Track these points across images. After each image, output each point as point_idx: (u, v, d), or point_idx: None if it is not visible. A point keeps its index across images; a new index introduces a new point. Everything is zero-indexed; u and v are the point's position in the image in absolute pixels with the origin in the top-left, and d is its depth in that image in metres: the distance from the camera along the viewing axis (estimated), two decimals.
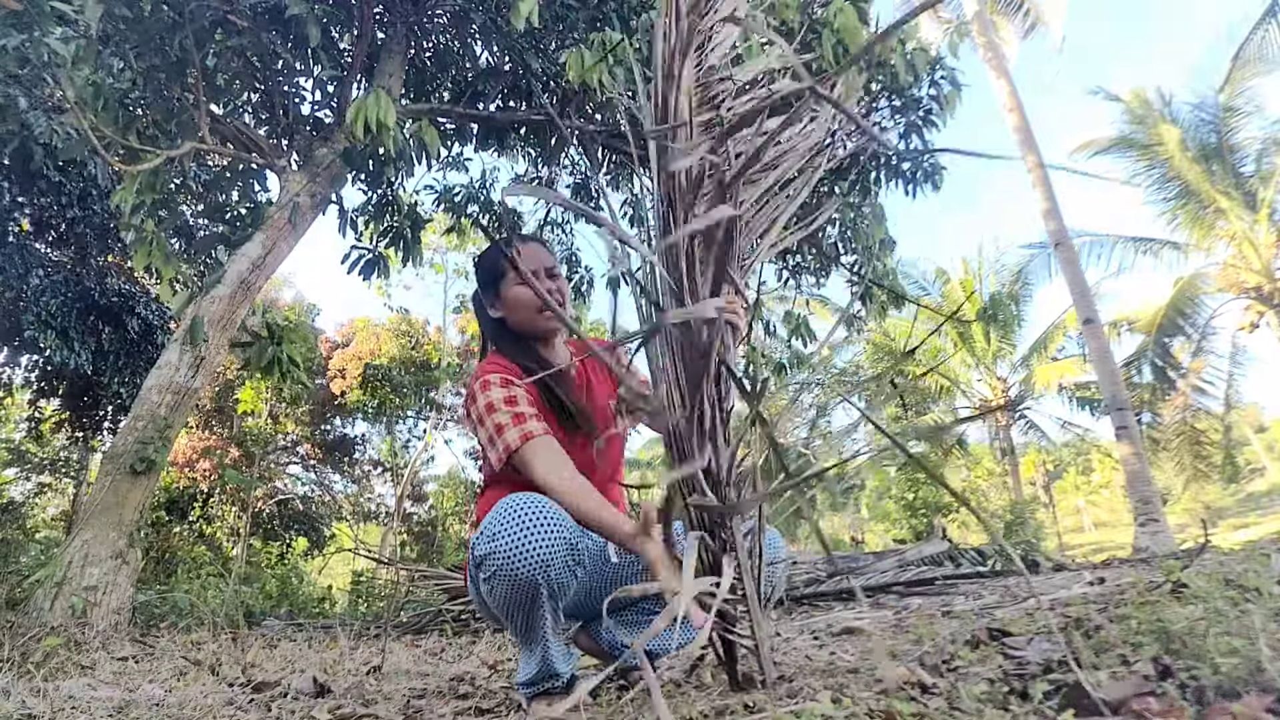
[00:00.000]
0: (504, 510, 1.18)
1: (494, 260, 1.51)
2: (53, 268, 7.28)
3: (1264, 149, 11.79)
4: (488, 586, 1.19)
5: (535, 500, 1.18)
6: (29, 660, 2.32)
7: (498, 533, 1.16)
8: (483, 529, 1.19)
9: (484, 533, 1.18)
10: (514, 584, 1.16)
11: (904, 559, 4.29)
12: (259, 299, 6.34)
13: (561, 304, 1.46)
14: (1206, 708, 0.73)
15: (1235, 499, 23.57)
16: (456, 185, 6.99)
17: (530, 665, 1.27)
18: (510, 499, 1.19)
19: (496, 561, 1.15)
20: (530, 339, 1.51)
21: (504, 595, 1.18)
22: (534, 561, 1.14)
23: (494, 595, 1.19)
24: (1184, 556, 2.76)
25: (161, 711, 1.48)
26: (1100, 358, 9.32)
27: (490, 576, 1.17)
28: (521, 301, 1.46)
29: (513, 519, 1.16)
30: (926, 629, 1.52)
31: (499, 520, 1.17)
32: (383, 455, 15.97)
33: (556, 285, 1.49)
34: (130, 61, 4.32)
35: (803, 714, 0.87)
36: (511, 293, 1.47)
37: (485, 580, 1.19)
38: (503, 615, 1.23)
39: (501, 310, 1.51)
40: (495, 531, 1.16)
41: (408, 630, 3.90)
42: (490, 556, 1.16)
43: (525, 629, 1.23)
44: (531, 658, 1.26)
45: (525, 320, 1.48)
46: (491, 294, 1.52)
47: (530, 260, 1.48)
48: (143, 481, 3.83)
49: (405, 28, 5.33)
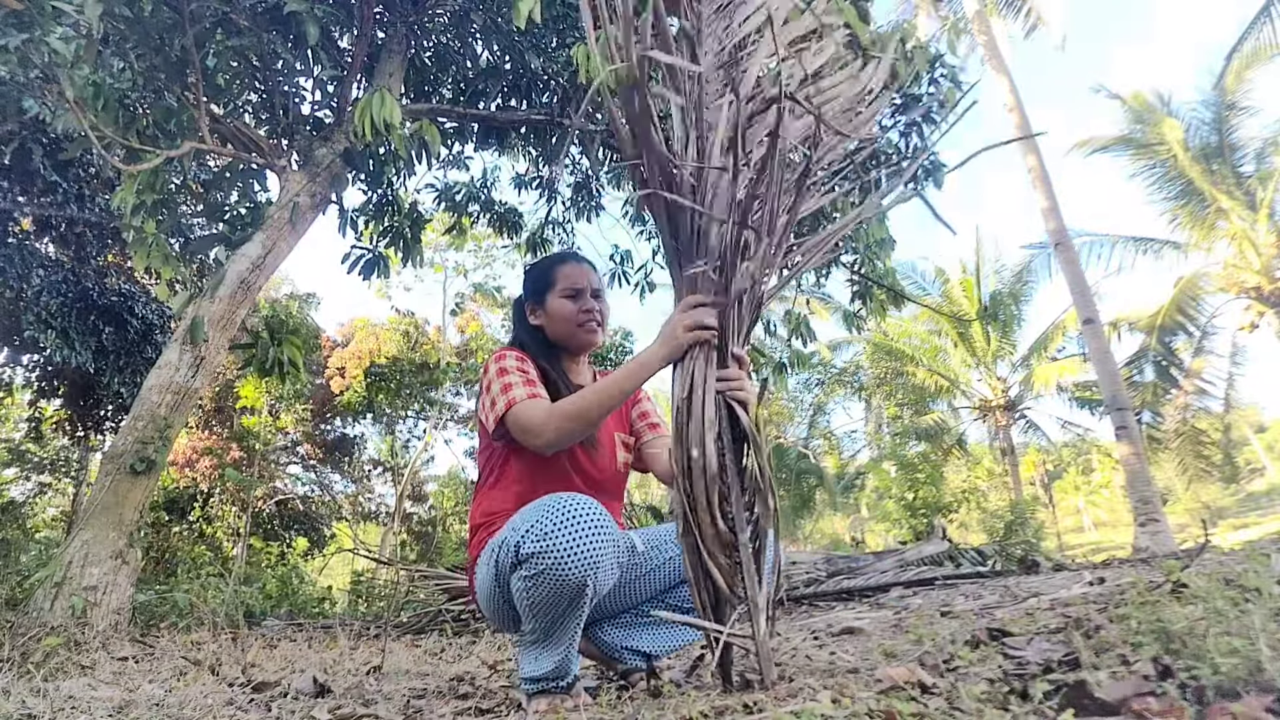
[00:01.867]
0: (554, 508, 1.18)
1: (545, 270, 1.61)
2: (53, 267, 7.29)
3: (1264, 149, 11.79)
4: (529, 584, 1.18)
5: (583, 500, 1.20)
6: (29, 660, 2.32)
7: (550, 531, 1.16)
8: (531, 527, 1.18)
9: (533, 531, 1.18)
10: (562, 583, 1.16)
11: (904, 559, 4.29)
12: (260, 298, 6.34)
13: (602, 325, 1.57)
14: (1206, 708, 0.73)
15: (1235, 499, 23.57)
16: (457, 184, 7.00)
17: (545, 663, 1.26)
18: (557, 498, 1.20)
19: (547, 560, 1.15)
20: (561, 351, 1.58)
21: (547, 594, 1.18)
22: (585, 561, 1.15)
23: (534, 593, 1.19)
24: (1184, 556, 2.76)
25: (161, 711, 1.48)
26: (1100, 358, 9.33)
27: (536, 574, 1.17)
28: (563, 314, 1.55)
29: (565, 517, 1.17)
30: (926, 629, 1.52)
31: (550, 518, 1.17)
32: (383, 455, 15.97)
33: (599, 306, 1.58)
34: (131, 61, 4.32)
35: (803, 714, 0.87)
36: (556, 303, 1.56)
37: (528, 577, 1.18)
38: (535, 613, 1.22)
39: (542, 319, 1.59)
40: (547, 530, 1.16)
41: (408, 630, 3.90)
42: (540, 555, 1.16)
43: (554, 628, 1.23)
44: (548, 656, 1.26)
45: (563, 332, 1.56)
46: (535, 302, 1.60)
47: (581, 279, 1.57)
48: (143, 481, 3.83)
49: (405, 27, 5.33)
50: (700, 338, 1.26)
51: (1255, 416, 28.06)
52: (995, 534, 10.06)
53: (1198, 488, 13.86)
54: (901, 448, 14.68)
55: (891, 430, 17.85)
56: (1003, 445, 17.19)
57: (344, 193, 5.25)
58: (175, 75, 4.45)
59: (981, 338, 16.28)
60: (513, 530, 1.23)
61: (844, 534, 21.66)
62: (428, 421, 15.20)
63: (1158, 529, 8.08)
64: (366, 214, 5.96)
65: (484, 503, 1.47)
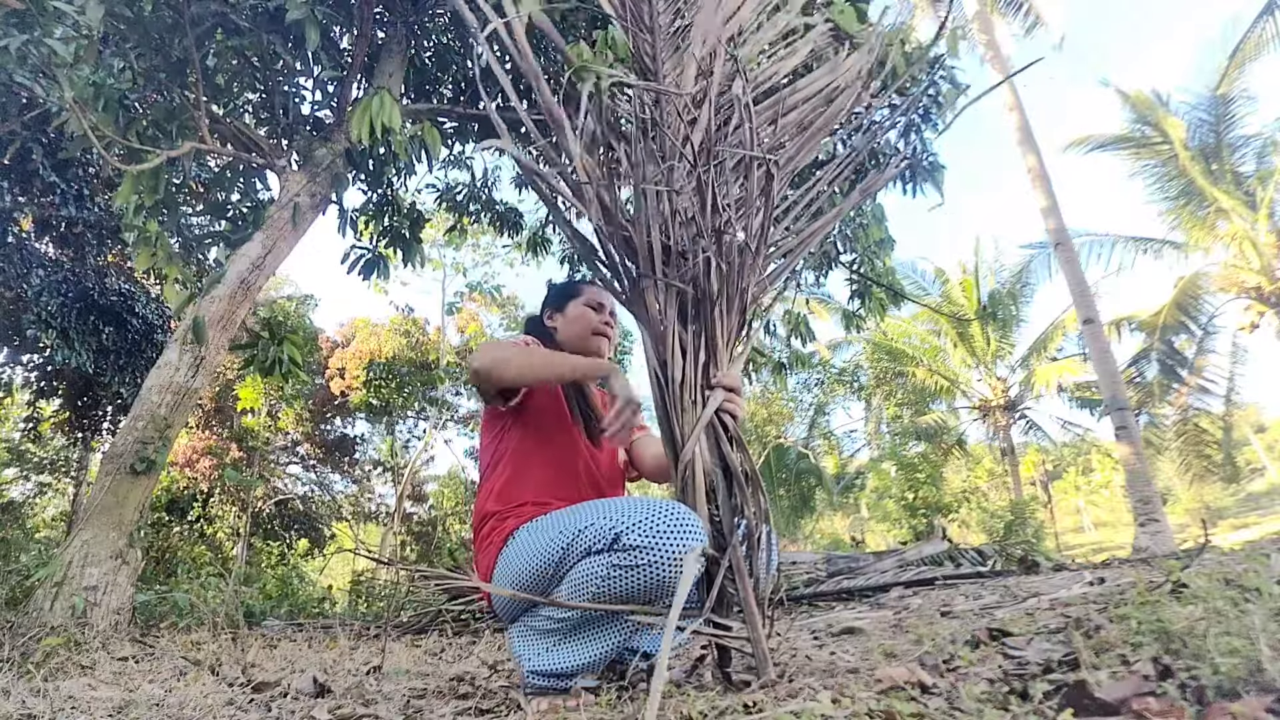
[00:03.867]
0: (669, 511, 1.22)
1: (573, 285, 1.78)
2: (52, 267, 7.29)
3: (1263, 148, 11.79)
4: (619, 572, 1.21)
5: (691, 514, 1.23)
6: (29, 660, 2.32)
7: (661, 531, 1.20)
8: (640, 522, 1.22)
9: (641, 525, 1.21)
10: (654, 582, 1.20)
11: (904, 559, 4.29)
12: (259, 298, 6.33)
13: (611, 341, 1.73)
14: (1206, 708, 0.73)
15: (1235, 499, 23.56)
16: (458, 183, 7.00)
17: (577, 657, 1.28)
18: (670, 504, 1.25)
19: (650, 556, 1.19)
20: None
21: (630, 587, 1.21)
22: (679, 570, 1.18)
23: (618, 582, 1.21)
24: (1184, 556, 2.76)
25: (161, 711, 1.48)
26: (1100, 358, 9.33)
27: (631, 566, 1.20)
28: (582, 319, 1.70)
29: (678, 523, 1.20)
30: (926, 629, 1.52)
31: (664, 520, 1.21)
32: (383, 455, 15.97)
33: (611, 324, 1.73)
34: (131, 61, 4.32)
35: (803, 714, 0.87)
36: (577, 310, 1.71)
37: (621, 566, 1.21)
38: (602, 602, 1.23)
39: (558, 321, 1.73)
40: (657, 529, 1.20)
41: (408, 630, 3.90)
42: (645, 549, 1.19)
43: (606, 623, 1.27)
44: (583, 651, 1.28)
45: (575, 335, 1.69)
46: (555, 308, 1.75)
47: (605, 299, 1.74)
48: (143, 481, 3.82)
49: (405, 27, 5.33)
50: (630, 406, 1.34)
51: (1255, 416, 28.07)
52: (995, 534, 10.07)
53: (1198, 488, 13.86)
54: (901, 447, 14.67)
55: (891, 430, 17.85)
56: (1003, 445, 17.19)
57: (344, 193, 5.26)
58: (175, 75, 4.45)
59: (981, 338, 16.28)
60: (606, 517, 1.24)
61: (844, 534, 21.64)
62: (428, 421, 15.20)
63: (1158, 529, 8.08)
64: (366, 214, 5.96)
65: (501, 489, 1.48)
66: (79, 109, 3.64)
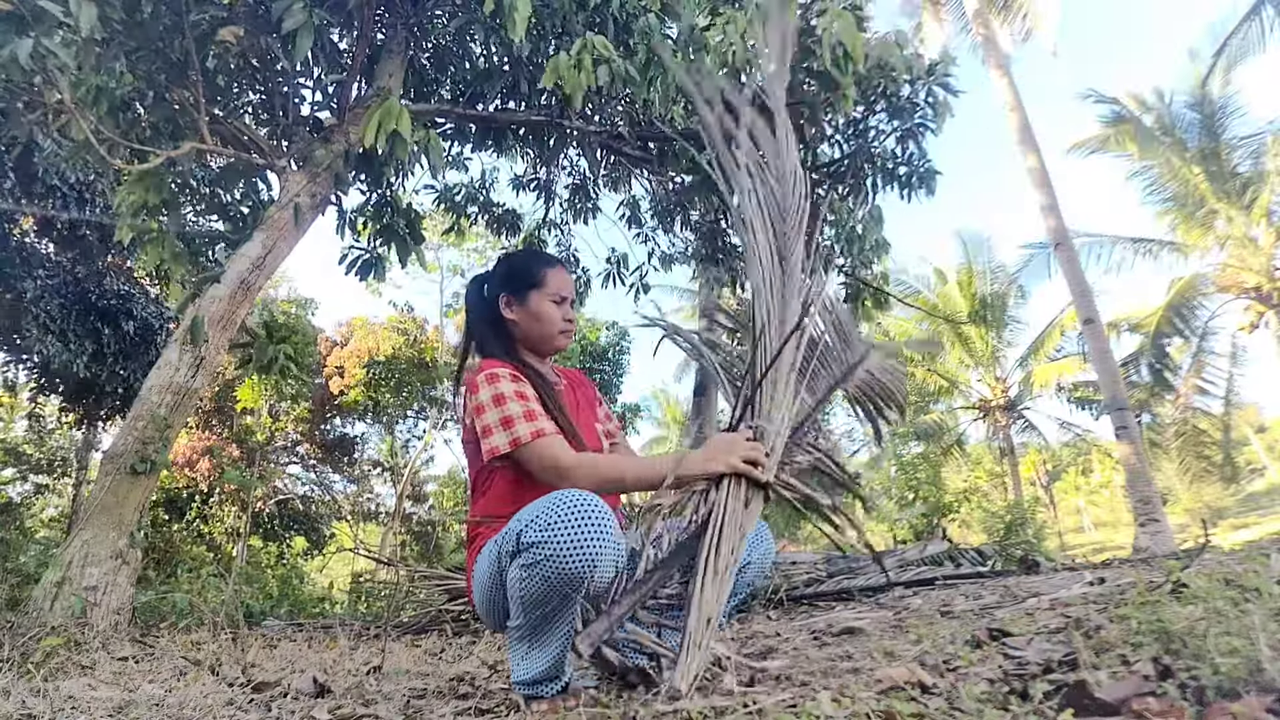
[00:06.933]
0: (560, 501, 1.19)
1: (533, 268, 1.58)
2: (52, 269, 7.28)
3: (1258, 149, 11.80)
4: (526, 574, 1.18)
5: (589, 497, 1.20)
6: (29, 660, 2.32)
7: (552, 523, 1.16)
8: (535, 518, 1.19)
9: (535, 521, 1.18)
10: (557, 576, 1.16)
11: (904, 559, 4.29)
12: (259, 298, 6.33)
13: (571, 332, 1.61)
14: (1206, 708, 0.73)
15: (1235, 499, 23.54)
16: (456, 184, 7.00)
17: (537, 664, 1.25)
18: (564, 493, 1.21)
19: (546, 550, 1.15)
20: (529, 350, 1.58)
21: (541, 585, 1.17)
22: (584, 556, 1.14)
23: (529, 584, 1.18)
24: (1184, 556, 2.76)
25: (161, 711, 1.48)
26: (1100, 358, 9.33)
27: (533, 564, 1.17)
28: (549, 317, 1.55)
29: (569, 511, 1.17)
30: (926, 629, 1.52)
31: (555, 510, 1.17)
32: (383, 455, 15.96)
33: (573, 317, 1.62)
34: (131, 64, 4.32)
35: (803, 714, 0.87)
36: (544, 306, 1.55)
37: (526, 566, 1.18)
38: (527, 606, 1.21)
39: (517, 314, 1.56)
40: (549, 522, 1.16)
41: (408, 630, 3.89)
42: (540, 545, 1.16)
43: (547, 626, 1.23)
44: (541, 656, 1.25)
45: (539, 334, 1.56)
46: (514, 295, 1.57)
47: (570, 288, 1.59)
48: (143, 481, 3.82)
49: (405, 29, 5.33)
50: (748, 471, 1.30)
51: (1255, 416, 28.04)
52: (995, 534, 10.05)
53: (1198, 488, 13.86)
54: (901, 447, 14.67)
55: (891, 430, 17.83)
56: (1002, 445, 17.19)
57: (346, 193, 5.26)
58: (176, 77, 4.45)
59: (979, 338, 16.28)
60: (517, 520, 1.23)
61: None
62: (427, 421, 15.19)
63: (1158, 529, 8.08)
64: (365, 214, 5.95)
65: (485, 506, 1.47)
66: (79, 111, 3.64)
